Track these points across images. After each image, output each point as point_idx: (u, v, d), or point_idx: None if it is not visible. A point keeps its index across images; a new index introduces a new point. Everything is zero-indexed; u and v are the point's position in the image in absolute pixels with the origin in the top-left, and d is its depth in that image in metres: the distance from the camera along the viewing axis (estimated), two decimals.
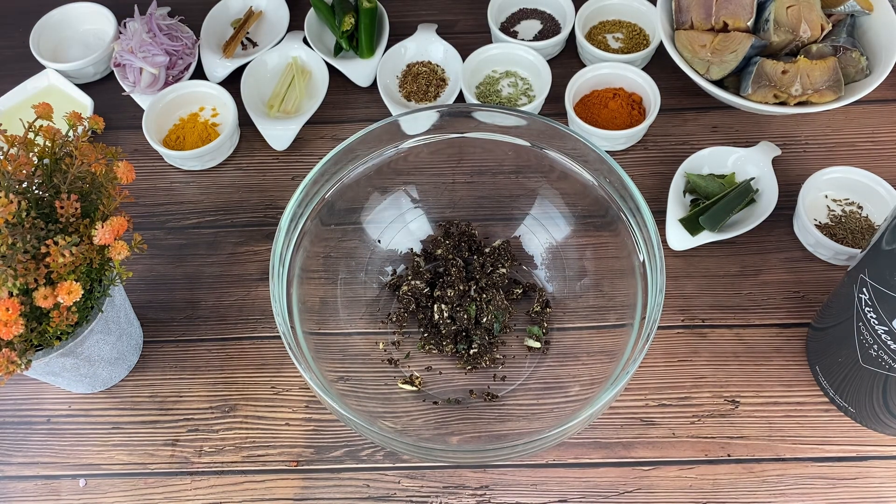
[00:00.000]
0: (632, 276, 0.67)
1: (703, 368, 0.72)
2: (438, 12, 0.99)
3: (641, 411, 0.70)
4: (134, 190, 0.85)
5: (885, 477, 0.66)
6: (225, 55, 0.93)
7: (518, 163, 0.74)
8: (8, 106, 0.89)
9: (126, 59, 0.90)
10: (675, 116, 0.88)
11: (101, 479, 0.69)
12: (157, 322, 0.77)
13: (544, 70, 0.88)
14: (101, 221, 0.60)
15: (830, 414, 0.69)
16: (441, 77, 0.92)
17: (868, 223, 0.78)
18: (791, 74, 0.78)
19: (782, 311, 0.75)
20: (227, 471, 0.69)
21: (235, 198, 0.85)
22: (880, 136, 0.85)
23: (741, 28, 0.80)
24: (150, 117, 0.86)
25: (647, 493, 0.66)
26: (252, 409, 0.72)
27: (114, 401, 0.73)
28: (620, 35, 0.93)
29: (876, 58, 0.81)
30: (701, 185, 0.80)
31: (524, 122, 0.70)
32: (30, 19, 0.94)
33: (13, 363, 0.57)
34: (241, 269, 0.80)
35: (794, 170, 0.82)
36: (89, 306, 0.64)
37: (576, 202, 0.73)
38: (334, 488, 0.68)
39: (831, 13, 0.83)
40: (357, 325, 0.74)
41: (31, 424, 0.72)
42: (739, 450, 0.68)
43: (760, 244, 0.79)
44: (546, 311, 0.74)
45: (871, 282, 0.58)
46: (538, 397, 0.70)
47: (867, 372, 0.62)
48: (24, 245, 0.57)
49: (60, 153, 0.63)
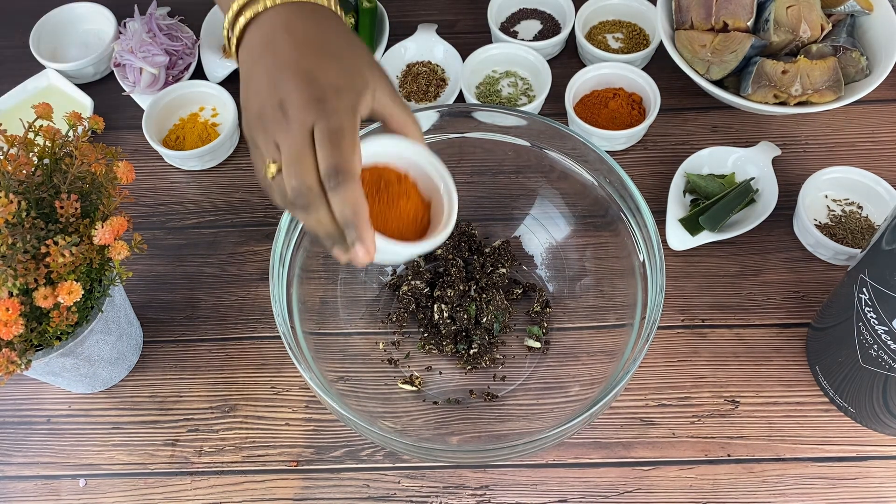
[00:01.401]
0: (632, 276, 0.67)
1: (703, 368, 0.72)
2: (438, 12, 0.99)
3: (641, 411, 0.70)
4: (134, 190, 0.85)
5: (885, 477, 0.66)
6: (225, 55, 0.93)
7: (518, 163, 0.74)
8: (8, 106, 0.89)
9: (126, 59, 0.90)
10: (675, 116, 0.88)
11: (101, 479, 0.69)
12: (157, 322, 0.77)
13: (544, 70, 0.88)
14: (101, 221, 0.60)
15: (830, 414, 0.69)
16: (441, 77, 0.92)
17: (868, 223, 0.78)
18: (791, 74, 0.78)
19: (782, 311, 0.75)
20: (227, 471, 0.69)
21: (235, 198, 0.85)
22: (880, 136, 0.85)
23: (741, 28, 0.80)
24: (150, 117, 0.86)
25: (647, 493, 0.66)
26: (252, 409, 0.72)
27: (114, 401, 0.73)
28: (620, 35, 0.93)
29: (876, 58, 0.81)
30: (701, 185, 0.80)
31: (524, 122, 0.70)
32: (30, 19, 0.94)
33: (13, 363, 0.57)
34: (241, 269, 0.80)
35: (794, 170, 0.82)
36: (89, 306, 0.64)
37: (576, 202, 0.73)
38: (334, 488, 0.68)
39: (831, 13, 0.83)
40: (357, 325, 0.74)
41: (31, 424, 0.72)
42: (739, 450, 0.68)
43: (760, 244, 0.79)
44: (546, 311, 0.74)
45: (871, 282, 0.58)
46: (538, 397, 0.70)
47: (867, 372, 0.62)
48: (24, 245, 0.57)
49: (60, 153, 0.63)
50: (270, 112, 0.51)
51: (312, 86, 0.51)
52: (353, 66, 0.53)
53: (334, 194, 0.50)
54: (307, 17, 0.54)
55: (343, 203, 0.50)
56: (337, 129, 0.50)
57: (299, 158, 0.50)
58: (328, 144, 0.50)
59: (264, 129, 0.52)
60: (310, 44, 0.53)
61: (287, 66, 0.52)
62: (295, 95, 0.51)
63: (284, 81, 0.51)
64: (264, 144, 0.52)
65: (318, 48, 0.53)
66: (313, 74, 0.51)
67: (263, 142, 0.52)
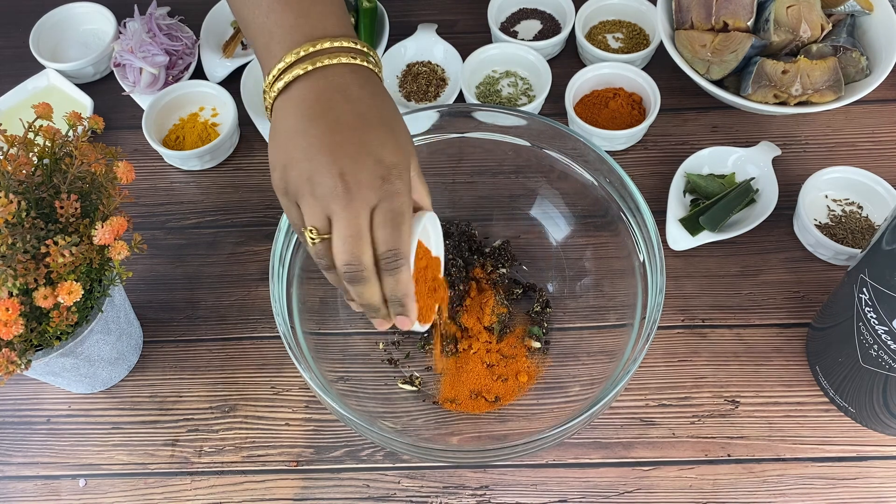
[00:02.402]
0: (632, 276, 0.67)
1: (703, 368, 0.72)
2: (438, 12, 0.99)
3: (641, 411, 0.70)
4: (134, 190, 0.85)
5: (885, 477, 0.66)
6: (225, 55, 0.93)
7: (518, 163, 0.74)
8: (8, 106, 0.90)
9: (126, 59, 0.90)
10: (675, 116, 0.88)
11: (101, 479, 0.69)
12: (157, 322, 0.77)
13: (544, 70, 0.88)
14: (101, 221, 0.60)
15: (830, 414, 0.69)
16: (441, 77, 0.92)
17: (868, 223, 0.78)
18: (791, 74, 0.78)
19: (782, 311, 0.75)
20: (227, 471, 0.69)
21: (235, 198, 0.85)
22: (880, 136, 0.85)
23: (741, 28, 0.80)
24: (150, 117, 0.86)
25: (647, 493, 0.66)
26: (252, 409, 0.72)
27: (114, 401, 0.73)
28: (620, 35, 0.93)
29: (876, 58, 0.81)
30: (701, 185, 0.80)
31: (524, 122, 0.70)
32: (30, 19, 0.94)
33: (13, 363, 0.57)
34: (241, 269, 0.80)
35: (794, 170, 0.82)
36: (89, 306, 0.64)
37: (576, 202, 0.73)
38: (334, 488, 0.68)
39: (831, 13, 0.83)
40: (357, 325, 0.74)
41: (31, 424, 0.72)
42: (739, 450, 0.68)
43: (760, 244, 0.79)
44: (546, 311, 0.74)
45: (871, 282, 0.58)
46: (538, 397, 0.70)
47: (867, 372, 0.62)
48: (24, 245, 0.57)
49: (60, 153, 0.63)
50: (329, 181, 0.50)
51: (378, 165, 0.51)
52: (404, 139, 0.54)
53: (390, 276, 0.52)
54: (363, 83, 0.53)
55: (397, 284, 0.52)
56: (399, 212, 0.51)
57: (359, 237, 0.50)
58: (390, 226, 0.50)
59: (313, 194, 0.50)
60: (368, 115, 0.52)
61: (349, 136, 0.51)
62: (360, 171, 0.50)
63: (346, 153, 0.50)
64: (310, 209, 0.51)
65: (377, 120, 0.52)
66: (377, 151, 0.51)
67: (309, 206, 0.51)
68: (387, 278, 0.52)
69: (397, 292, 0.53)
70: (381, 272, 0.52)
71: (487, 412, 0.69)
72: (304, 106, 0.52)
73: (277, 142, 0.53)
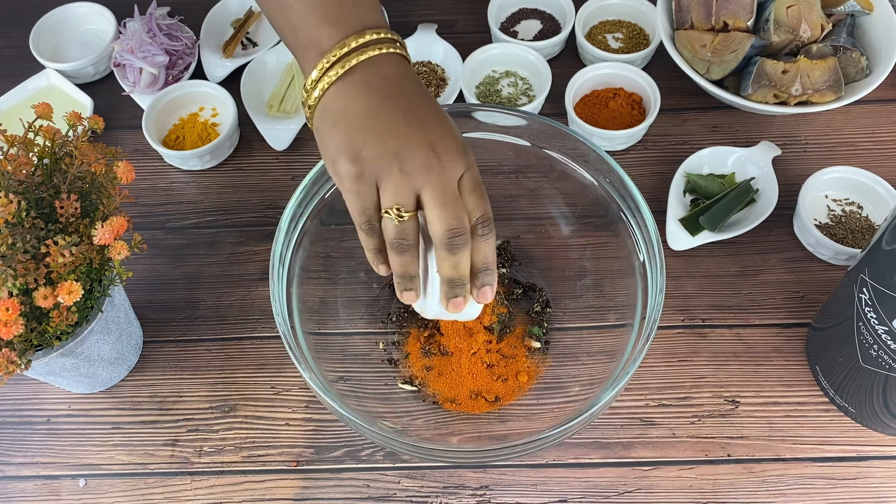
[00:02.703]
0: (632, 276, 0.67)
1: (703, 368, 0.72)
2: (438, 12, 0.98)
3: (641, 411, 0.70)
4: (134, 190, 0.85)
5: (885, 477, 0.66)
6: (225, 55, 0.93)
7: (518, 163, 0.74)
8: (8, 106, 0.90)
9: (126, 59, 0.90)
10: (675, 116, 0.88)
11: (101, 479, 0.69)
12: (157, 322, 0.77)
13: (544, 70, 0.88)
14: (101, 221, 0.60)
15: (830, 414, 0.69)
16: (441, 77, 0.92)
17: (868, 223, 0.78)
18: (791, 74, 0.78)
19: (782, 311, 0.75)
20: (227, 471, 0.69)
21: (235, 198, 0.85)
22: (880, 136, 0.85)
23: (741, 28, 0.80)
24: (150, 117, 0.86)
25: (647, 493, 0.66)
26: (252, 409, 0.72)
27: (114, 401, 0.73)
28: (620, 35, 0.93)
29: (876, 58, 0.81)
30: (701, 185, 0.80)
31: (524, 122, 0.70)
32: (30, 19, 0.94)
33: (13, 363, 0.57)
34: (241, 269, 0.80)
35: (794, 170, 0.82)
36: (89, 306, 0.64)
37: (576, 202, 0.73)
38: (334, 488, 0.68)
39: (831, 13, 0.83)
40: (357, 325, 0.74)
41: (31, 424, 0.72)
42: (739, 450, 0.68)
43: (760, 244, 0.79)
44: (546, 311, 0.74)
45: (871, 282, 0.58)
46: (538, 397, 0.70)
47: (867, 372, 0.62)
48: (24, 245, 0.57)
49: (60, 153, 0.63)
50: (421, 153, 0.50)
51: (458, 138, 0.52)
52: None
53: (484, 241, 0.52)
54: (411, 70, 0.55)
55: (488, 249, 0.53)
56: (480, 180, 0.52)
57: (456, 202, 0.51)
58: (479, 193, 0.52)
59: (402, 169, 0.50)
60: (431, 97, 0.54)
61: (428, 112, 0.52)
62: (448, 142, 0.51)
63: (430, 127, 0.51)
64: (395, 185, 0.51)
65: (435, 102, 0.54)
66: (453, 126, 0.53)
67: (395, 183, 0.51)
68: (480, 244, 0.52)
69: (488, 259, 0.53)
70: (475, 238, 0.52)
71: (487, 412, 0.69)
72: (374, 88, 0.52)
73: (344, 125, 0.52)
